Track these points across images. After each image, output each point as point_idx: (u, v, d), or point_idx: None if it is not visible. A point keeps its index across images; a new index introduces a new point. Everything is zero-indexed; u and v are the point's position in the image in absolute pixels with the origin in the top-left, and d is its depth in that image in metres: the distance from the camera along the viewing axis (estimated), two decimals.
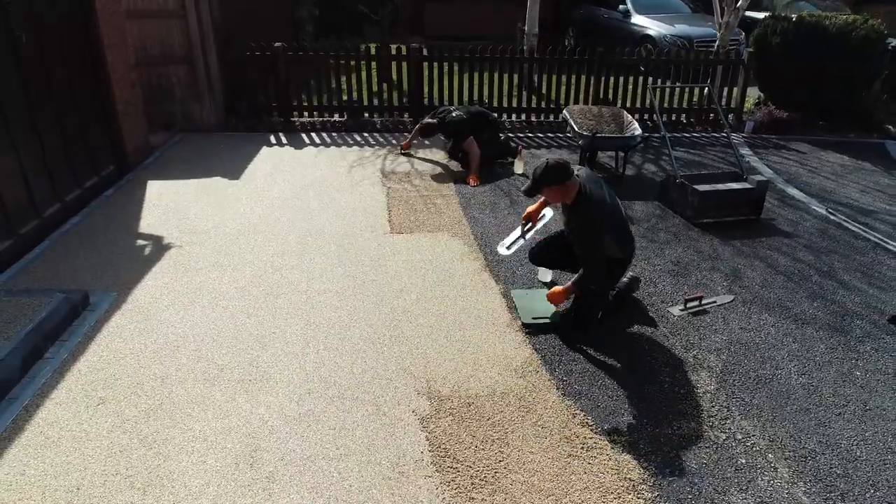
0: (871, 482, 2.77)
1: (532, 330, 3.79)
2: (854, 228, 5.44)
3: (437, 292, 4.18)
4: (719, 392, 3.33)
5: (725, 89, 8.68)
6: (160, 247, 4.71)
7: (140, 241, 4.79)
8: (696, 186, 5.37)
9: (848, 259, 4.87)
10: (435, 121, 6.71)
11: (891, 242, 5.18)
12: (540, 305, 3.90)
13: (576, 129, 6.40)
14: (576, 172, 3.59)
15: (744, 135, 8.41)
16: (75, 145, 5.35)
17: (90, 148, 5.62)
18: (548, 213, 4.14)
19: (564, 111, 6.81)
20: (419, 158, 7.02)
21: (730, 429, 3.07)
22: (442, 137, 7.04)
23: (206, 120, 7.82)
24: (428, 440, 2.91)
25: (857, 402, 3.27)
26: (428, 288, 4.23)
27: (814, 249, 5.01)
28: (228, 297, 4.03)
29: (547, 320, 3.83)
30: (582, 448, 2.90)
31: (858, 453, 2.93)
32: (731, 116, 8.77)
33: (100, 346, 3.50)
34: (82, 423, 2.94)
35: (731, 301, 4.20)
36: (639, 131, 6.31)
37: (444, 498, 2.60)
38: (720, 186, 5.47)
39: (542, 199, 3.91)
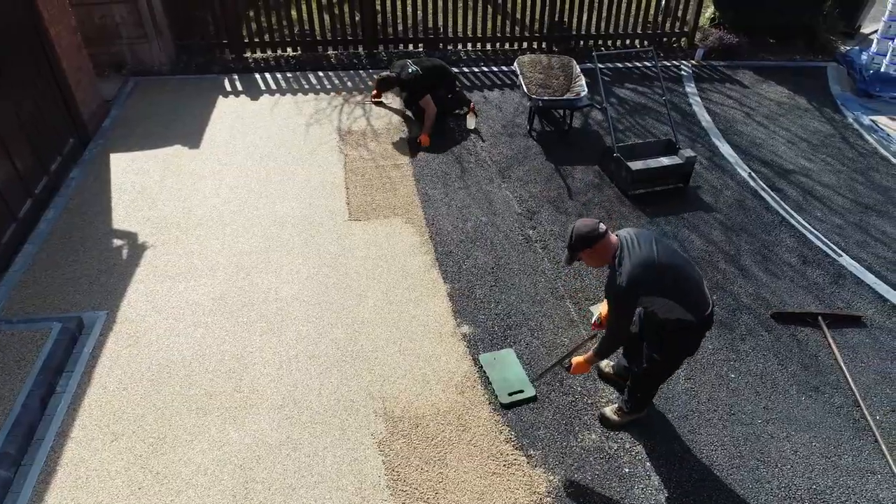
0: (717, 485, 3.68)
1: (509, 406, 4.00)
2: (768, 198, 6.05)
3: (392, 296, 4.78)
4: (619, 401, 4.13)
5: (681, 8, 8.70)
6: (135, 247, 5.12)
7: (116, 241, 5.18)
8: (629, 164, 5.83)
9: (754, 239, 5.54)
10: (392, 74, 6.80)
11: (795, 216, 5.83)
12: (511, 374, 4.17)
13: (524, 88, 6.62)
14: (617, 231, 3.33)
15: (693, 62, 8.61)
16: (34, 128, 5.46)
17: (48, 127, 5.73)
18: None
19: (515, 63, 6.96)
20: (376, 108, 7.21)
21: (622, 438, 3.92)
22: (400, 91, 7.14)
23: (156, 60, 7.70)
24: (384, 463, 3.69)
25: (724, 406, 4.13)
26: (384, 292, 4.81)
27: (727, 227, 5.65)
28: (207, 311, 4.58)
29: (523, 394, 4.06)
30: (504, 465, 3.72)
31: (715, 458, 3.83)
32: (683, 40, 8.89)
33: (101, 377, 4.10)
34: (103, 462, 3.63)
35: None
36: (584, 91, 6.58)
37: None
38: (651, 163, 5.93)
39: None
